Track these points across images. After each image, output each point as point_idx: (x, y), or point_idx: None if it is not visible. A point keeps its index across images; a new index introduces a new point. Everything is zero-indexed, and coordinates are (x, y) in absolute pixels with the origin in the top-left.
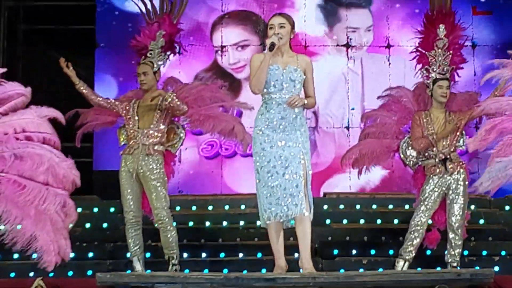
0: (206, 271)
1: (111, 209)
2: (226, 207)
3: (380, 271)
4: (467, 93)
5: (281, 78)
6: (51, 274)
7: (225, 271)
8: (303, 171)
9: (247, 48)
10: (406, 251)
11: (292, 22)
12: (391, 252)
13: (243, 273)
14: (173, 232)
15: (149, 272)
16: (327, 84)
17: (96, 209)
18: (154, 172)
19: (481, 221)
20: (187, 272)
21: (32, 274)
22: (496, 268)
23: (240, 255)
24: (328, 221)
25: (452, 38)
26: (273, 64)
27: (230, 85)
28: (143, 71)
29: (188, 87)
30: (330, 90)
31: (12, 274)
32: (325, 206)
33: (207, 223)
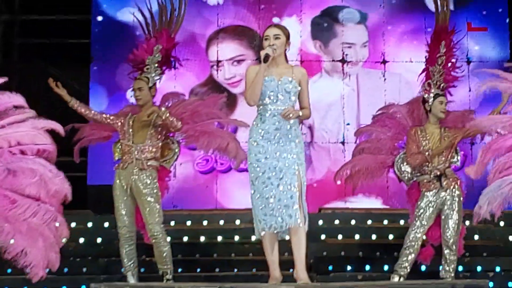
0: None
1: (105, 224)
2: (221, 222)
3: (376, 282)
4: (461, 111)
5: (276, 90)
6: None
7: None
8: (298, 182)
9: (243, 63)
10: (401, 267)
11: (288, 34)
12: (386, 268)
13: (238, 284)
14: (167, 247)
15: (144, 283)
16: (323, 100)
17: (90, 224)
18: (148, 187)
19: (476, 237)
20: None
21: None
22: (491, 284)
23: (235, 271)
24: (323, 237)
25: (448, 56)
26: (268, 76)
27: (226, 100)
28: (139, 87)
29: (185, 103)
30: (326, 106)
31: None
32: (320, 222)
33: (202, 238)
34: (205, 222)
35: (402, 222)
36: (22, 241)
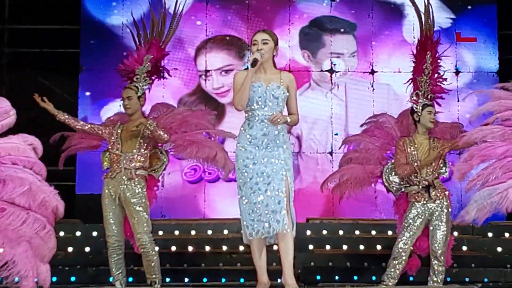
0: None
1: (94, 233)
2: (209, 232)
3: None
4: (450, 122)
5: (264, 96)
6: None
7: None
8: (286, 188)
9: (231, 73)
10: (389, 277)
11: (276, 39)
12: (374, 278)
13: None
14: (155, 257)
15: None
16: (311, 110)
17: (79, 233)
18: (136, 197)
19: (464, 248)
20: None
21: None
22: None
23: (223, 280)
24: (311, 247)
25: (434, 67)
26: (256, 82)
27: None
28: (127, 96)
29: (174, 113)
30: (314, 116)
31: None
32: (308, 232)
33: (190, 248)
34: (193, 232)
35: (390, 233)
36: (11, 250)
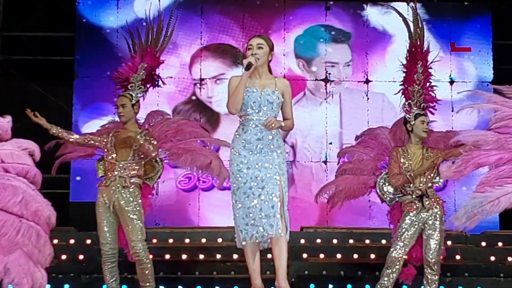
0: None
1: (88, 241)
2: (203, 240)
3: None
4: (444, 131)
5: (259, 100)
6: None
7: None
8: (280, 192)
9: (226, 82)
10: (382, 286)
11: (271, 44)
12: (368, 287)
13: None
14: (149, 265)
15: None
16: (306, 119)
17: (73, 241)
18: (130, 205)
19: (457, 257)
20: None
21: None
22: None
23: None
24: (305, 255)
25: (426, 76)
26: (251, 87)
27: (209, 118)
28: (121, 103)
29: (169, 121)
30: (308, 125)
31: None
32: (302, 240)
33: (184, 256)
34: (187, 240)
35: (384, 242)
36: (4, 258)
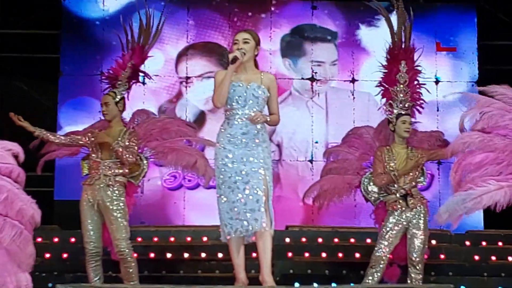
0: None
1: (72, 239)
2: (188, 239)
3: (349, 286)
4: (429, 131)
5: (245, 95)
6: None
7: None
8: (264, 187)
9: (212, 80)
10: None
11: (257, 39)
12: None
13: None
14: (133, 263)
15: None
16: (292, 117)
17: (57, 239)
18: (115, 203)
19: (442, 256)
20: None
21: None
22: None
23: None
24: (290, 254)
25: (412, 75)
26: (237, 81)
27: (195, 117)
28: (105, 102)
29: (154, 120)
30: (294, 124)
31: None
32: (287, 239)
33: (168, 255)
34: (172, 239)
35: (369, 241)
36: None
